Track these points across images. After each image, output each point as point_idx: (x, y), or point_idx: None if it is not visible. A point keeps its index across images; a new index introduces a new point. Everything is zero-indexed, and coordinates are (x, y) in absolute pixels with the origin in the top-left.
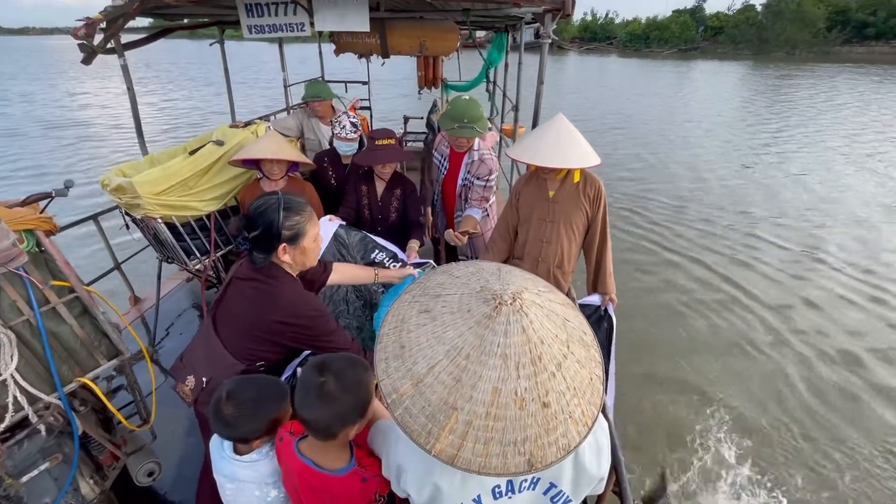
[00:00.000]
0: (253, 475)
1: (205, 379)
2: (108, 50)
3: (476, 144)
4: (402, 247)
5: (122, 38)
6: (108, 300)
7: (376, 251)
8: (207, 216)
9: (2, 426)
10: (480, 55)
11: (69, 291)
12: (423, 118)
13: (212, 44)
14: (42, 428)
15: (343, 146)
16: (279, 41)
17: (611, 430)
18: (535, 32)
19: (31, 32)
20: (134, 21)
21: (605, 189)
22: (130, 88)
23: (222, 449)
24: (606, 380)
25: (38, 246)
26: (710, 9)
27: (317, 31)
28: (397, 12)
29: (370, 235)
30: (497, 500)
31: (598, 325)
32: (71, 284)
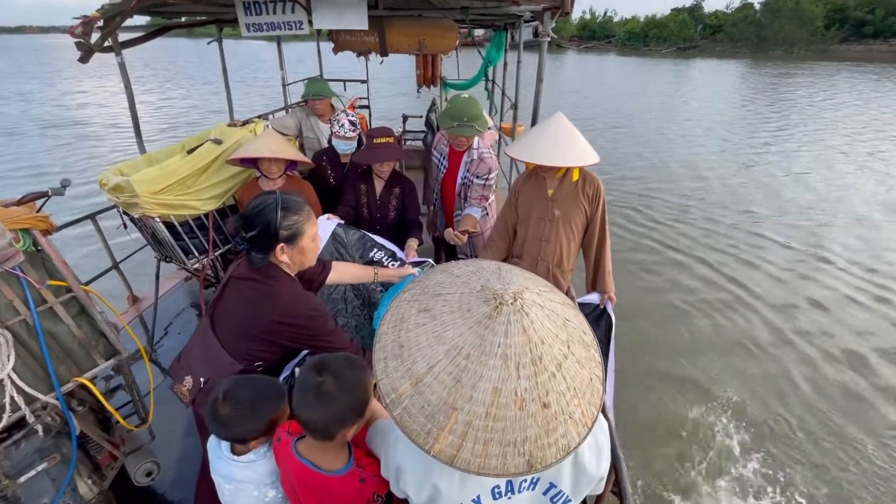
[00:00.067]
0: (251, 475)
1: (202, 379)
2: (106, 48)
3: (475, 143)
4: (400, 245)
5: (120, 36)
6: (106, 300)
7: (375, 250)
8: (206, 215)
9: None
10: (479, 53)
11: (66, 291)
12: (421, 117)
13: (210, 42)
14: (39, 428)
15: (342, 145)
16: (277, 40)
17: (610, 430)
18: (534, 31)
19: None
20: (131, 19)
21: (604, 188)
22: (128, 87)
23: (220, 449)
24: (605, 379)
25: (35, 245)
26: (708, 7)
27: (315, 29)
28: (396, 10)
29: (369, 234)
30: (496, 500)
31: (596, 323)
32: (68, 284)
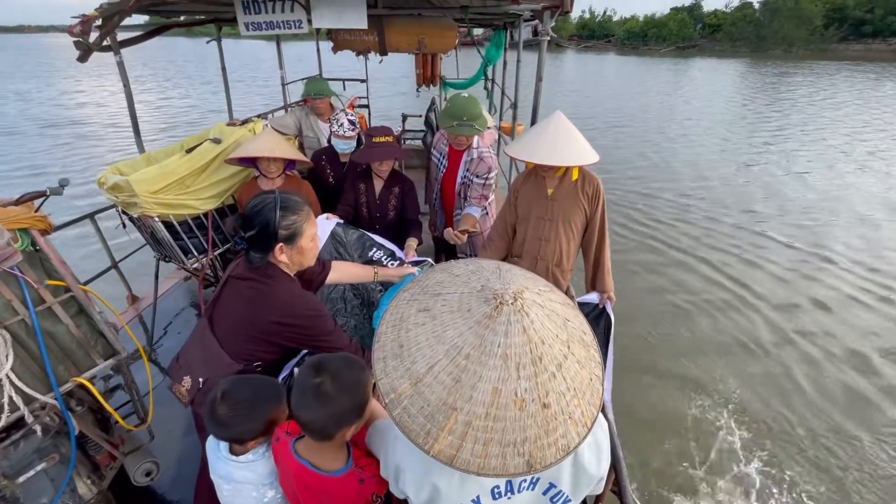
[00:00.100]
0: (249, 476)
1: (201, 379)
2: (104, 47)
3: (475, 142)
4: (400, 245)
5: (118, 35)
6: (105, 299)
7: (374, 249)
8: (205, 215)
9: None
10: (479, 53)
11: (65, 291)
12: (421, 116)
13: (209, 41)
14: (38, 428)
15: (341, 144)
16: (276, 39)
17: (610, 430)
18: (534, 30)
19: (27, 30)
20: (130, 18)
21: (605, 187)
22: (127, 86)
23: (218, 450)
24: (604, 378)
25: (33, 245)
26: (707, 6)
27: (314, 28)
28: (395, 9)
29: (368, 233)
30: (496, 500)
31: (596, 323)
32: (67, 284)
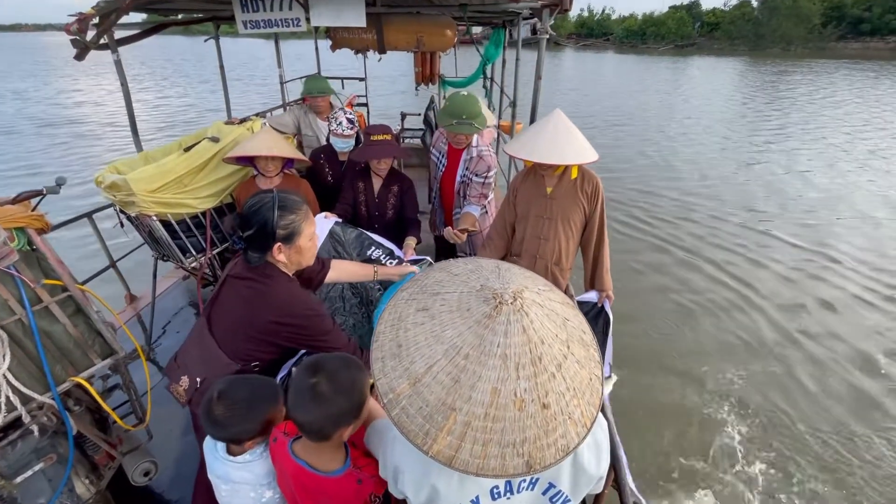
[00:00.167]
0: (247, 476)
1: (199, 379)
2: (101, 45)
3: (475, 141)
4: (399, 244)
5: (116, 33)
6: (104, 299)
7: (372, 248)
8: (203, 213)
9: None
10: (478, 51)
11: (62, 290)
12: (420, 115)
13: (206, 40)
14: (35, 428)
15: (339, 143)
16: (275, 37)
17: (609, 429)
18: (533, 28)
19: (23, 29)
20: (127, 17)
21: (606, 186)
22: (124, 84)
23: (216, 450)
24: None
25: (30, 244)
26: (706, 4)
27: (313, 26)
28: (394, 7)
29: (366, 232)
30: (495, 500)
31: (594, 321)
32: (64, 283)
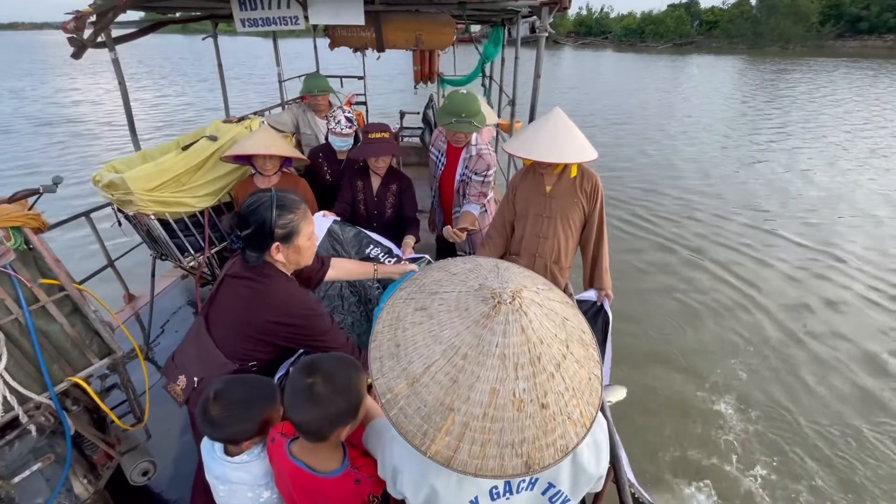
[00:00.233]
0: (244, 476)
1: (196, 379)
2: (99, 44)
3: (474, 139)
4: (397, 243)
5: (113, 31)
6: (102, 298)
7: (371, 247)
8: (201, 212)
9: None
10: (476, 50)
11: (59, 289)
12: (419, 113)
13: (204, 38)
14: (33, 428)
15: (338, 141)
16: (273, 35)
17: (609, 429)
18: (531, 27)
19: (20, 27)
20: (125, 15)
21: (606, 185)
22: (122, 83)
23: (213, 450)
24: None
25: (27, 243)
26: (704, 3)
27: (311, 25)
28: (392, 5)
29: (364, 231)
30: (494, 501)
31: (594, 320)
32: (61, 282)
